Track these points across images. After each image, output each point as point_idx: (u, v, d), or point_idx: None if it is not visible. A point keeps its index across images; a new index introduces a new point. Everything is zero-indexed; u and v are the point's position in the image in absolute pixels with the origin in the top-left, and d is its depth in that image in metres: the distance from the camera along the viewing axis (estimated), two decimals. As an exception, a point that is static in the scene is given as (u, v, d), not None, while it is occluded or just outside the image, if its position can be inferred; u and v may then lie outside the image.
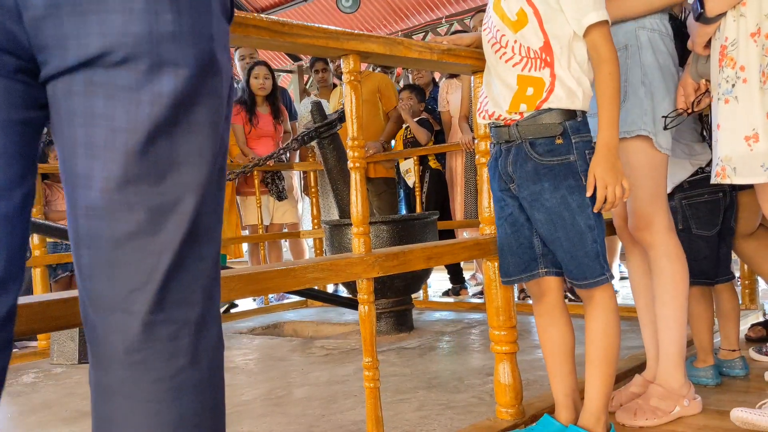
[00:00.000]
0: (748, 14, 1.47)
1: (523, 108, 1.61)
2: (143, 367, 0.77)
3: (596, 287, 1.64)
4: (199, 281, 0.81)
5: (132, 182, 0.75)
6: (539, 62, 1.59)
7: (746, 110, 1.48)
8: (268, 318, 4.25)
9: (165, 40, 0.74)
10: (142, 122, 0.74)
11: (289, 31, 1.39)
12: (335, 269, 1.47)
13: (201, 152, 0.79)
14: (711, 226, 2.18)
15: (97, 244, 0.77)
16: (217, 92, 0.80)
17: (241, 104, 4.77)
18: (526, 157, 1.63)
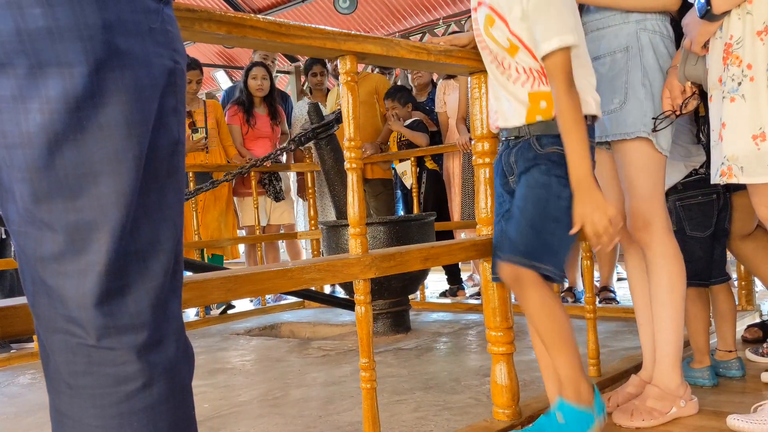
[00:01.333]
0: (755, 12, 1.47)
1: (539, 119, 1.63)
2: (88, 392, 0.72)
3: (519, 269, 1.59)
4: (147, 299, 0.74)
5: (44, 200, 0.68)
6: (545, 78, 1.60)
7: (753, 109, 1.48)
8: (265, 319, 4.25)
9: (39, 37, 0.65)
10: (35, 134, 0.66)
11: (286, 32, 1.39)
12: (332, 270, 1.47)
13: (119, 158, 0.70)
14: (705, 227, 2.18)
15: (30, 263, 0.72)
16: (130, 86, 0.70)
17: (238, 105, 4.77)
18: (530, 148, 1.63)
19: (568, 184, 1.56)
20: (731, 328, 2.29)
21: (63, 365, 0.73)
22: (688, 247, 2.14)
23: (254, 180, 4.52)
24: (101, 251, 0.70)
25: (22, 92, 0.65)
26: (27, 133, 0.66)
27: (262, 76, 4.72)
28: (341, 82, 1.57)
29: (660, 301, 1.88)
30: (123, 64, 0.69)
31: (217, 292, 1.20)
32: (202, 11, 1.26)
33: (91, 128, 0.67)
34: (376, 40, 1.58)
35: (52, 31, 0.65)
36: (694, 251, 2.17)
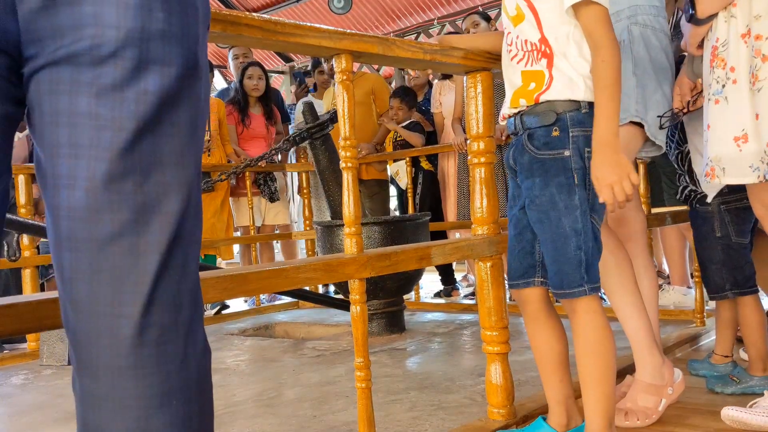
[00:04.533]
0: (738, 15, 1.48)
1: (522, 103, 1.55)
2: (132, 372, 0.75)
3: (576, 299, 1.52)
4: (185, 284, 0.79)
5: (116, 180, 0.74)
6: (538, 54, 1.52)
7: (736, 111, 1.49)
8: (260, 319, 4.24)
9: (155, 37, 0.74)
10: (127, 120, 0.73)
11: (281, 30, 1.39)
12: (327, 269, 1.46)
13: (183, 153, 0.78)
14: (746, 233, 2.11)
15: (80, 246, 0.75)
16: (198, 95, 0.80)
17: (234, 104, 4.76)
18: (523, 150, 1.55)
19: (571, 181, 1.48)
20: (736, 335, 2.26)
21: (104, 349, 0.75)
22: (733, 253, 2.10)
23: (249, 180, 4.52)
24: (161, 233, 0.76)
25: (123, 82, 0.73)
26: (120, 118, 0.73)
27: (257, 76, 4.71)
28: (336, 81, 1.57)
29: (614, 291, 1.88)
30: (198, 74, 0.80)
31: (212, 291, 1.20)
32: (197, 9, 1.25)
33: (167, 123, 0.76)
34: (372, 38, 1.58)
35: (165, 34, 0.75)
36: (744, 258, 2.11)
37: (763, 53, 1.43)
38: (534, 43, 1.53)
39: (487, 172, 1.89)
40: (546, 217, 1.52)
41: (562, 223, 1.50)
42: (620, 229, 2.02)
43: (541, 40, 1.52)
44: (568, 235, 1.49)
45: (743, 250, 2.12)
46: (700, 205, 2.16)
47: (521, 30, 1.55)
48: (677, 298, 3.56)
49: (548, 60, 1.52)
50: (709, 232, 2.14)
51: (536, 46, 1.53)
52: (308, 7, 8.19)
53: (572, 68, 1.50)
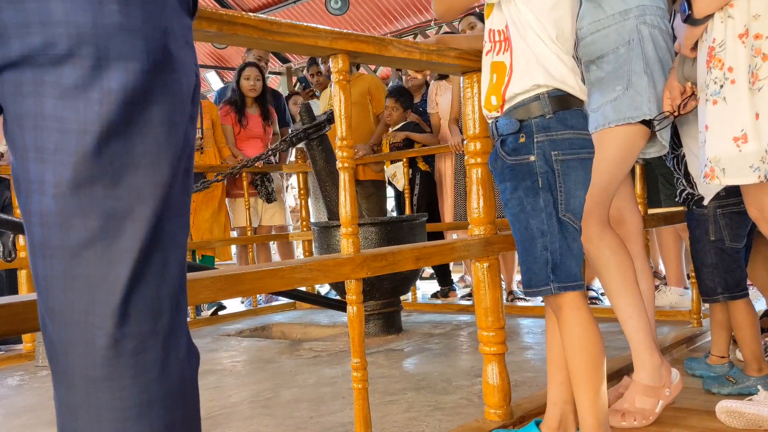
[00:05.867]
0: (735, 15, 1.48)
1: (493, 101, 1.58)
2: (108, 384, 0.73)
3: (560, 296, 1.56)
4: (165, 289, 0.77)
5: (85, 186, 0.71)
6: (505, 44, 1.55)
7: (735, 111, 1.48)
8: (257, 320, 4.23)
9: (111, 32, 0.70)
10: (92, 122, 0.70)
11: (277, 30, 1.38)
12: (324, 269, 1.46)
13: (158, 153, 0.74)
14: (741, 238, 2.11)
15: (53, 253, 0.72)
16: (175, 90, 0.76)
17: (231, 105, 4.76)
18: (497, 156, 1.60)
19: (536, 185, 1.52)
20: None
21: (79, 358, 0.73)
22: (726, 257, 2.10)
23: (246, 181, 4.51)
24: (135, 239, 0.73)
25: (85, 82, 0.69)
26: (84, 120, 0.70)
27: (255, 77, 4.71)
28: (333, 81, 1.56)
29: (616, 292, 1.88)
30: (173, 68, 0.75)
31: (207, 291, 1.19)
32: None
33: (138, 123, 0.72)
34: (368, 38, 1.58)
35: (123, 27, 0.70)
36: (737, 262, 2.12)
37: (764, 52, 1.43)
38: (500, 30, 1.55)
39: (483, 172, 1.89)
40: (516, 220, 1.57)
41: (529, 224, 1.54)
42: (618, 229, 2.02)
43: (506, 27, 1.55)
44: (535, 236, 1.54)
45: (736, 255, 2.13)
46: (697, 207, 2.17)
47: (491, 20, 1.58)
48: (674, 298, 3.56)
49: (510, 49, 1.54)
50: (704, 235, 2.14)
51: (503, 34, 1.55)
52: (305, 8, 8.19)
53: (531, 51, 1.52)
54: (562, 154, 1.53)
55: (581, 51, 1.98)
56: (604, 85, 1.92)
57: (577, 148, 1.54)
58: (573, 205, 1.56)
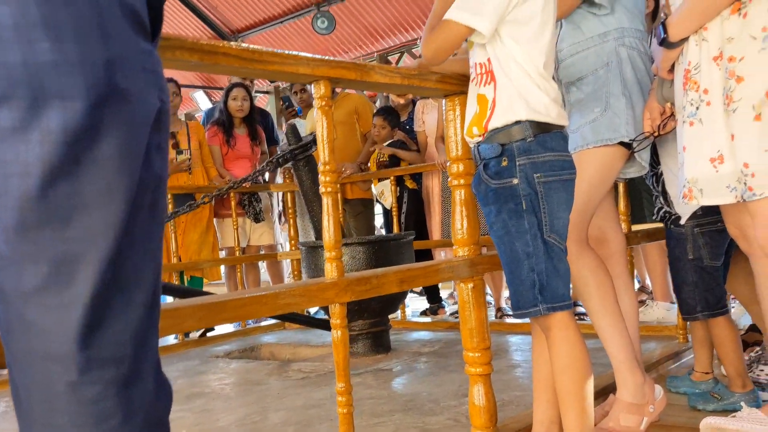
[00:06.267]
0: (710, 38, 1.50)
1: (475, 131, 1.61)
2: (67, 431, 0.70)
3: (549, 317, 1.58)
4: (128, 331, 0.73)
5: (33, 229, 0.68)
6: (487, 76, 1.58)
7: (711, 132, 1.51)
8: (245, 341, 4.22)
9: (45, 70, 0.67)
10: (34, 164, 0.67)
11: (259, 58, 1.40)
12: (308, 294, 1.47)
13: (111, 190, 0.71)
14: (720, 256, 2.13)
15: (9, 298, 0.70)
16: (129, 121, 0.72)
17: (218, 125, 4.78)
18: (480, 179, 1.62)
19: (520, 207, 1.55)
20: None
21: (38, 404, 0.71)
22: (705, 275, 2.12)
23: (234, 201, 4.52)
24: (87, 283, 0.70)
25: (24, 123, 0.67)
26: (25, 162, 0.67)
27: (242, 97, 4.74)
28: (316, 107, 1.58)
29: (596, 311, 1.90)
30: (121, 100, 0.71)
31: (190, 320, 1.20)
32: (175, 39, 1.26)
33: (86, 161, 0.69)
34: (349, 64, 1.59)
35: (58, 64, 0.67)
36: (716, 280, 2.13)
37: (737, 74, 1.45)
38: (483, 63, 1.59)
39: (466, 193, 1.90)
40: (501, 242, 1.60)
41: (515, 247, 1.57)
42: (600, 249, 2.04)
43: (488, 60, 1.58)
44: (521, 258, 1.57)
45: (715, 273, 2.15)
46: (675, 226, 2.19)
47: (474, 52, 1.61)
48: (660, 313, 3.59)
49: (493, 82, 1.57)
50: (683, 254, 2.16)
51: (485, 67, 1.58)
52: (292, 28, 8.24)
53: (513, 86, 1.55)
54: (544, 176, 1.55)
55: (561, 73, 2.01)
56: (584, 106, 1.94)
57: (559, 169, 1.57)
58: (557, 226, 1.59)
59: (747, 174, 1.44)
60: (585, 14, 1.94)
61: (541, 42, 1.55)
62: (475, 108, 1.62)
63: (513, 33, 1.54)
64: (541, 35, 1.54)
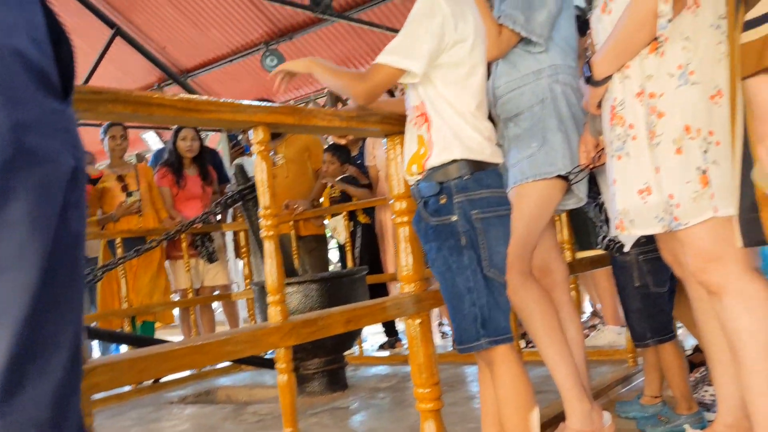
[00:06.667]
0: (632, 76, 1.57)
1: (414, 169, 1.66)
2: None
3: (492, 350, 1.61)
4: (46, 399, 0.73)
5: None
6: (421, 118, 1.64)
7: (638, 165, 1.57)
8: (201, 385, 4.14)
9: None
10: None
11: (195, 108, 1.41)
12: (251, 341, 1.46)
13: (22, 254, 0.70)
14: (665, 281, 2.18)
15: None
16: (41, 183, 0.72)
17: (168, 166, 4.75)
18: (420, 217, 1.66)
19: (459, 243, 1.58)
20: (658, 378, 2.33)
21: None
22: (651, 302, 2.17)
23: (185, 242, 4.47)
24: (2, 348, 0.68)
25: None
26: None
27: (191, 137, 4.71)
28: (254, 152, 1.59)
29: (541, 342, 1.94)
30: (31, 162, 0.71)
31: (127, 375, 1.18)
32: (108, 92, 1.27)
33: None
34: (286, 109, 1.62)
35: None
36: (662, 306, 2.19)
37: (659, 110, 1.52)
38: (417, 106, 1.63)
39: (410, 230, 1.92)
40: (443, 278, 1.64)
41: (456, 282, 1.61)
42: (544, 279, 2.09)
43: (422, 103, 1.63)
44: (462, 293, 1.61)
45: (661, 299, 2.20)
46: (620, 254, 2.25)
47: (408, 95, 1.65)
48: (612, 337, 3.65)
49: (428, 123, 1.62)
50: (629, 282, 2.22)
51: (419, 110, 1.63)
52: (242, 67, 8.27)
53: (448, 127, 1.61)
54: (481, 213, 1.60)
55: (499, 109, 2.07)
56: (521, 141, 2.00)
57: (495, 205, 1.62)
58: (496, 260, 1.63)
59: (672, 205, 1.49)
60: (520, 52, 2.00)
61: (471, 84, 1.60)
62: (413, 147, 1.66)
63: (444, 76, 1.59)
64: (470, 77, 1.60)
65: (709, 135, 1.44)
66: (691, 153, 1.46)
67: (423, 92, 1.62)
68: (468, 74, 1.60)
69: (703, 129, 1.45)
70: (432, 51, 1.56)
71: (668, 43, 1.49)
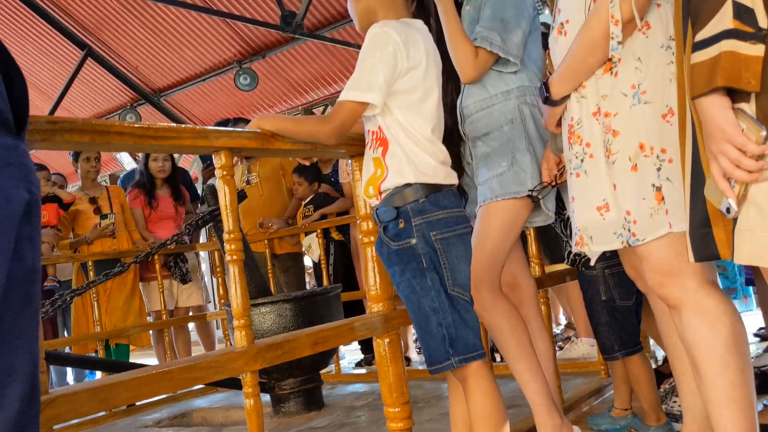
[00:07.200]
0: (588, 95, 1.60)
1: (371, 191, 1.68)
2: None
3: (464, 368, 1.63)
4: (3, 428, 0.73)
5: None
6: (377, 142, 1.66)
7: (595, 182, 1.59)
8: (176, 407, 4.10)
9: None
10: None
11: (154, 135, 1.41)
12: (216, 366, 1.46)
13: None
14: (631, 294, 2.20)
15: None
16: None
17: (139, 188, 4.72)
18: (382, 243, 1.68)
19: (421, 265, 1.60)
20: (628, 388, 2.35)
21: None
22: (618, 315, 2.19)
23: (158, 263, 4.44)
24: None
25: None
26: None
27: (163, 158, 4.70)
28: (217, 176, 1.60)
29: (512, 356, 1.96)
30: None
31: (88, 404, 1.18)
32: (64, 121, 1.27)
33: None
34: (249, 134, 1.62)
35: None
36: (629, 319, 2.21)
37: (613, 129, 1.55)
38: (374, 131, 1.66)
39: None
40: (408, 301, 1.64)
41: (422, 304, 1.62)
42: (513, 294, 2.11)
43: (379, 128, 1.66)
44: (429, 314, 1.61)
45: (628, 312, 2.23)
46: (586, 269, 2.28)
47: (366, 120, 1.68)
48: (585, 349, 3.68)
49: (384, 147, 1.65)
50: (595, 296, 2.25)
51: (376, 134, 1.65)
52: (215, 85, 8.26)
53: (402, 151, 1.63)
54: (440, 233, 1.61)
55: (468, 127, 2.09)
56: (491, 160, 2.02)
57: (453, 224, 1.64)
58: (459, 279, 1.65)
59: (630, 221, 1.52)
60: (490, 72, 2.03)
61: (425, 108, 1.63)
62: (370, 169, 1.69)
63: (398, 102, 1.62)
64: (425, 102, 1.63)
65: (662, 153, 1.47)
66: (646, 170, 1.49)
67: (380, 119, 1.65)
68: (422, 99, 1.63)
69: (656, 147, 1.48)
70: (387, 80, 1.58)
71: (621, 64, 1.52)
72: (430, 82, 1.64)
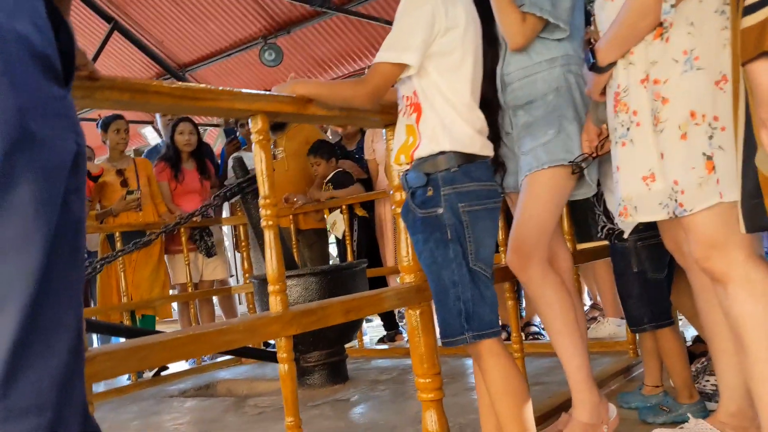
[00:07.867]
0: (636, 62, 1.56)
1: (402, 159, 1.64)
2: None
3: (478, 344, 1.60)
4: (50, 378, 0.73)
5: None
6: (411, 108, 1.62)
7: (642, 152, 1.55)
8: (201, 378, 4.14)
9: None
10: None
11: (192, 95, 1.40)
12: (252, 330, 1.45)
13: (28, 236, 0.71)
14: (663, 267, 2.17)
15: None
16: (44, 166, 0.73)
17: (166, 161, 4.73)
18: (408, 208, 1.64)
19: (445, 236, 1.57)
20: (659, 365, 2.32)
21: None
22: (649, 288, 2.16)
23: (184, 236, 4.46)
24: (6, 331, 0.69)
25: None
26: None
27: (189, 131, 4.70)
28: (253, 141, 1.58)
29: (556, 330, 1.92)
30: (34, 146, 0.72)
31: (127, 363, 1.17)
32: (104, 79, 1.25)
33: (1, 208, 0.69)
34: (286, 98, 1.60)
35: None
36: (660, 292, 2.18)
37: (663, 96, 1.50)
38: (409, 96, 1.62)
39: (411, 220, 1.92)
40: (429, 271, 1.62)
41: (441, 275, 1.59)
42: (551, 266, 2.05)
43: (414, 93, 1.62)
44: (447, 287, 1.59)
45: (659, 285, 2.19)
46: (618, 241, 2.24)
47: (401, 85, 1.64)
48: (612, 329, 3.64)
49: (418, 113, 1.61)
50: (627, 268, 2.21)
51: (411, 99, 1.61)
52: (240, 61, 8.24)
53: (438, 117, 1.59)
54: (468, 206, 1.58)
55: (508, 96, 2.03)
56: (535, 129, 1.96)
57: (484, 198, 1.60)
58: (483, 254, 1.62)
59: (677, 191, 1.48)
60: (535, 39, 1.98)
61: (463, 72, 1.59)
62: (402, 137, 1.65)
63: (436, 64, 1.58)
64: (462, 65, 1.59)
65: (714, 120, 1.43)
66: (696, 139, 1.44)
67: (417, 82, 1.60)
68: (461, 61, 1.58)
69: (708, 115, 1.43)
70: (425, 40, 1.54)
71: (673, 29, 1.47)
72: (468, 43, 1.60)
